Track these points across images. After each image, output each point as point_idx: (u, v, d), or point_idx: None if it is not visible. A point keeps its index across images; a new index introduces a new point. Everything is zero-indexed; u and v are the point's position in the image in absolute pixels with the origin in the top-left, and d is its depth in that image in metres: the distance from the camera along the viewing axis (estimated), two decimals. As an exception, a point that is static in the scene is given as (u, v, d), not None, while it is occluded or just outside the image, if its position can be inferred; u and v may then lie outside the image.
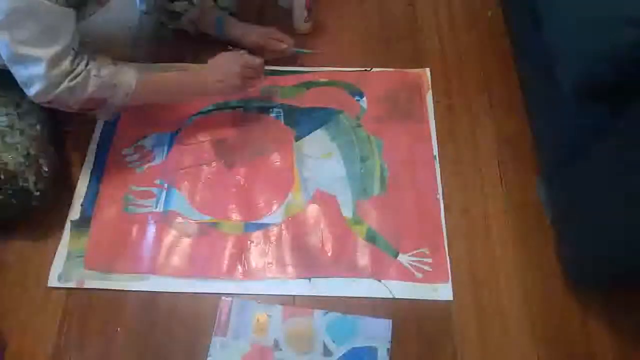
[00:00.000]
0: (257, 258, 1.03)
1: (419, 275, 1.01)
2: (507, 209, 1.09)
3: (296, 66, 1.28)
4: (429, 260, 1.03)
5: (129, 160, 1.15)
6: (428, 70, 1.28)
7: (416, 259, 1.03)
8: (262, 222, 1.07)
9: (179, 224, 1.07)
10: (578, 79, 0.90)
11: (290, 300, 0.99)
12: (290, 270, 1.02)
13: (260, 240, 1.05)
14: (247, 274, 1.02)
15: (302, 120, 1.20)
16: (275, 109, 1.21)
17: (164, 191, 1.11)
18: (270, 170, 1.13)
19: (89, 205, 1.08)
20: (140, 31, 1.35)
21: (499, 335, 0.96)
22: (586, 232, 0.94)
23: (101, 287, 1.00)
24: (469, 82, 1.27)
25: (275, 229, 1.06)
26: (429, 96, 1.24)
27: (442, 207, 1.08)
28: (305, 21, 1.31)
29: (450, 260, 1.03)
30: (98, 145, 1.16)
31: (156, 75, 1.06)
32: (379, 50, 1.32)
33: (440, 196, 1.10)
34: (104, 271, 1.01)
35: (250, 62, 1.11)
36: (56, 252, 1.03)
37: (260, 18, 1.36)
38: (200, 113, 1.20)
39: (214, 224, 1.07)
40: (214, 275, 1.02)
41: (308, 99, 1.23)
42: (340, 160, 1.15)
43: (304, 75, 1.27)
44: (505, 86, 1.25)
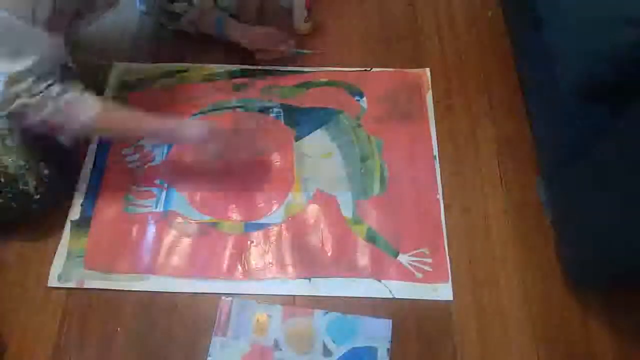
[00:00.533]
0: (257, 258, 1.03)
1: (419, 275, 1.01)
2: (507, 209, 1.09)
3: (296, 66, 1.28)
4: (429, 260, 1.03)
5: (129, 160, 1.15)
6: (428, 70, 1.28)
7: (416, 259, 1.03)
8: (262, 222, 1.07)
9: (179, 224, 1.07)
10: (578, 79, 0.90)
11: (290, 300, 0.99)
12: (290, 270, 1.02)
13: (260, 240, 1.05)
14: (247, 274, 1.02)
15: (302, 120, 1.20)
16: (275, 109, 1.21)
17: (164, 191, 1.11)
18: (270, 170, 1.13)
19: (89, 205, 1.08)
20: (140, 31, 1.35)
21: (499, 335, 0.96)
22: (586, 232, 0.94)
23: (101, 287, 1.00)
24: (469, 82, 1.26)
25: (275, 229, 1.06)
26: (429, 96, 1.24)
27: (442, 207, 1.08)
28: (305, 21, 1.31)
29: (450, 260, 1.03)
30: (98, 145, 1.16)
31: (122, 113, 1.01)
32: (379, 50, 1.32)
33: (440, 196, 1.10)
34: (104, 271, 1.01)
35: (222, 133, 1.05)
36: (56, 252, 1.03)
37: (261, 18, 1.36)
38: (200, 113, 1.20)
39: (214, 224, 1.07)
40: (214, 275, 1.02)
41: (308, 99, 1.23)
42: (340, 160, 1.15)
43: (304, 75, 1.27)
44: (505, 86, 1.25)
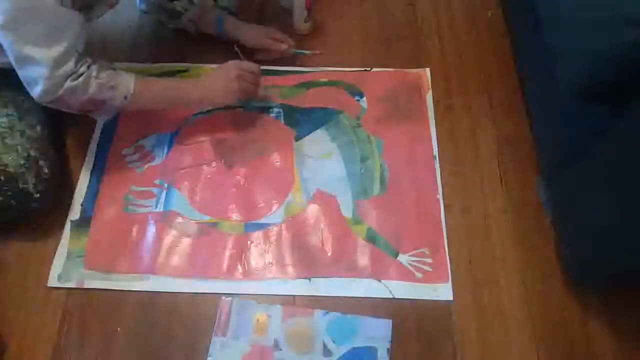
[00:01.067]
0: (257, 258, 1.03)
1: (419, 275, 1.01)
2: (507, 209, 1.09)
3: (296, 66, 1.28)
4: (429, 260, 1.03)
5: (129, 160, 1.15)
6: (428, 70, 1.28)
7: (416, 259, 1.03)
8: (262, 222, 1.07)
9: (179, 224, 1.07)
10: (578, 79, 0.90)
11: (290, 300, 0.99)
12: (290, 270, 1.02)
13: (260, 240, 1.05)
14: (247, 274, 1.02)
15: (302, 120, 1.20)
16: (275, 109, 1.21)
17: (164, 191, 1.11)
18: (270, 170, 1.13)
19: (89, 205, 1.08)
20: (140, 31, 1.35)
21: (499, 335, 0.96)
22: (586, 232, 0.94)
23: (101, 287, 1.00)
24: (469, 82, 1.26)
25: (275, 229, 1.06)
26: (429, 96, 1.24)
27: (442, 207, 1.08)
28: (305, 21, 1.31)
29: (450, 260, 1.03)
30: (98, 145, 1.16)
31: (155, 80, 1.08)
32: (379, 50, 1.32)
33: (440, 196, 1.10)
34: (104, 271, 1.01)
35: (247, 68, 1.11)
36: (56, 252, 1.03)
37: (261, 18, 1.36)
38: (200, 113, 1.20)
39: (214, 224, 1.07)
40: (214, 275, 1.02)
41: (308, 99, 1.23)
42: (340, 160, 1.15)
43: (304, 75, 1.27)
44: (505, 86, 1.25)
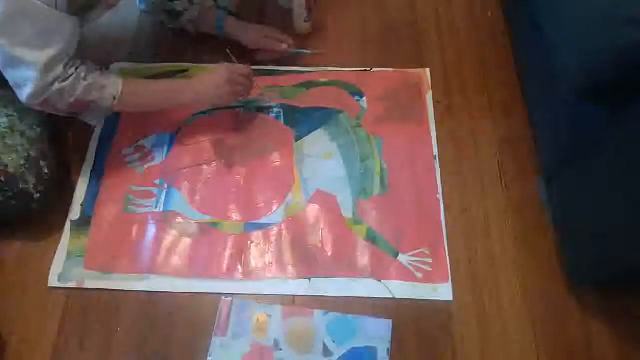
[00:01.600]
0: (257, 258, 1.03)
1: (419, 275, 1.01)
2: (507, 209, 1.09)
3: (296, 66, 1.28)
4: (429, 260, 1.03)
5: (129, 160, 1.15)
6: (428, 70, 1.28)
7: (416, 258, 1.03)
8: (262, 222, 1.07)
9: (179, 224, 1.07)
10: (578, 79, 0.90)
11: (290, 300, 0.99)
12: (290, 270, 1.02)
13: (260, 240, 1.05)
14: (247, 274, 1.02)
15: (302, 120, 1.20)
16: (275, 109, 1.21)
17: (164, 191, 1.11)
18: (270, 170, 1.13)
19: (89, 205, 1.08)
20: (140, 31, 1.35)
21: (499, 335, 0.96)
22: (586, 232, 0.94)
23: (101, 287, 1.00)
24: (469, 82, 1.26)
25: (275, 229, 1.06)
26: (429, 96, 1.24)
27: (442, 207, 1.08)
28: (305, 21, 1.31)
29: (450, 260, 1.03)
30: (98, 145, 1.16)
31: (144, 82, 1.08)
32: (379, 50, 1.32)
33: (440, 196, 1.10)
34: (104, 271, 1.01)
35: (238, 71, 1.10)
36: (56, 252, 1.03)
37: (261, 18, 1.36)
38: (200, 113, 1.20)
39: (214, 224, 1.07)
40: (214, 275, 1.02)
41: (308, 99, 1.23)
42: (340, 160, 1.15)
43: (304, 75, 1.27)
44: (505, 86, 1.25)
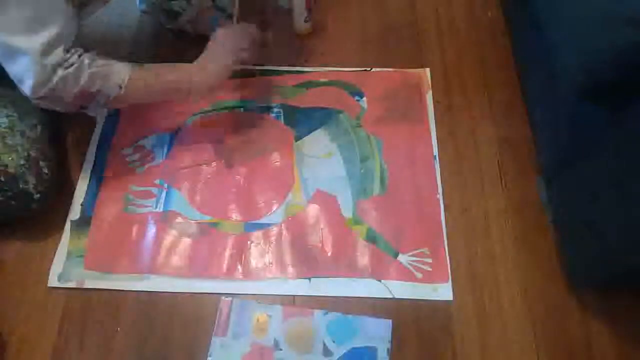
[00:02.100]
0: (257, 258, 1.03)
1: (419, 275, 1.01)
2: (507, 209, 1.09)
3: (296, 66, 1.28)
4: (429, 260, 1.03)
5: (129, 160, 1.15)
6: (428, 70, 1.28)
7: (416, 258, 1.03)
8: (262, 222, 1.07)
9: (179, 224, 1.07)
10: (578, 79, 0.90)
11: (290, 300, 0.99)
12: (290, 270, 1.02)
13: (260, 240, 1.05)
14: (247, 274, 1.02)
15: (302, 120, 1.20)
16: (275, 109, 1.21)
17: (164, 191, 1.11)
18: (270, 170, 1.13)
19: (89, 205, 1.08)
20: (140, 31, 1.35)
21: (499, 335, 0.96)
22: (586, 232, 0.94)
23: (101, 287, 1.00)
24: (469, 82, 1.26)
25: (275, 229, 1.06)
26: (429, 96, 1.24)
27: (442, 207, 1.08)
28: (305, 21, 1.31)
29: (450, 260, 1.03)
30: (98, 145, 1.16)
31: (150, 67, 1.02)
32: (379, 50, 1.32)
33: (440, 196, 1.10)
34: (104, 271, 1.01)
35: (241, 33, 1.06)
36: (56, 252, 1.03)
37: (261, 18, 1.36)
38: (200, 113, 1.20)
39: (214, 224, 1.07)
40: (214, 275, 1.02)
41: (308, 99, 1.23)
42: (340, 160, 1.15)
43: (304, 75, 1.27)
44: (505, 86, 1.25)
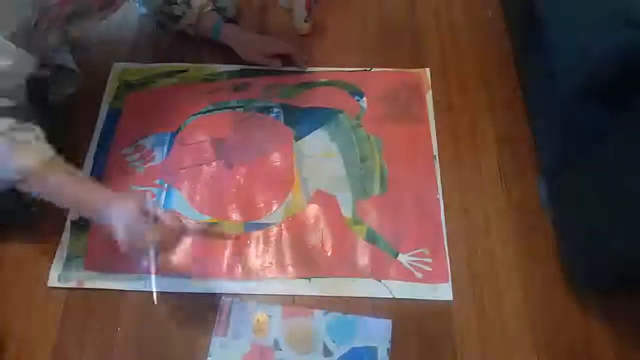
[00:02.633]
0: (257, 258, 1.03)
1: (419, 275, 1.01)
2: (507, 209, 1.09)
3: (296, 66, 1.28)
4: (429, 260, 1.03)
5: (129, 160, 1.14)
6: (428, 70, 1.27)
7: (416, 258, 1.03)
8: (262, 222, 1.07)
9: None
10: (578, 79, 0.90)
11: (290, 300, 0.99)
12: (290, 270, 1.02)
13: (260, 240, 1.05)
14: (247, 274, 1.02)
15: (302, 120, 1.20)
16: (275, 109, 1.21)
17: (164, 191, 1.10)
18: (270, 170, 1.13)
19: (89, 205, 1.09)
20: (141, 32, 1.35)
21: (499, 335, 0.96)
22: (586, 232, 0.94)
23: (101, 287, 1.00)
24: (469, 82, 1.26)
25: (275, 229, 1.06)
26: (429, 96, 1.23)
27: (442, 207, 1.08)
28: (306, 21, 1.31)
29: (450, 260, 1.02)
30: (98, 145, 1.16)
31: (60, 173, 0.86)
32: (379, 50, 1.31)
33: (440, 196, 1.10)
34: (104, 271, 1.01)
35: (165, 232, 0.85)
36: (56, 252, 1.03)
37: (261, 18, 1.36)
38: (200, 113, 1.20)
39: (214, 224, 1.07)
40: (214, 275, 1.02)
41: (308, 99, 1.23)
42: (340, 160, 1.14)
43: (304, 75, 1.27)
44: (505, 86, 1.25)
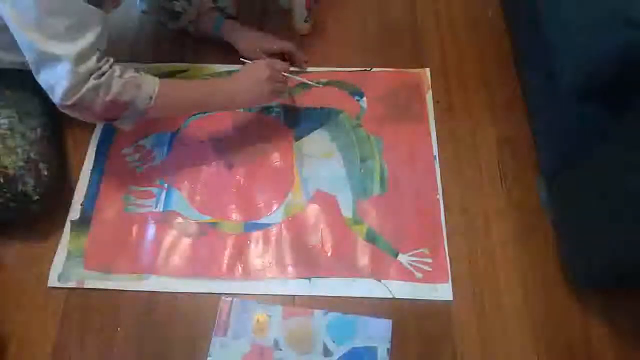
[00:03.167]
0: (257, 258, 1.03)
1: (419, 275, 1.01)
2: (507, 209, 1.09)
3: (296, 66, 1.28)
4: (429, 260, 1.03)
5: (129, 160, 1.15)
6: (428, 70, 1.28)
7: (416, 258, 1.03)
8: (262, 222, 1.07)
9: (179, 224, 1.07)
10: (578, 79, 0.90)
11: (290, 300, 0.99)
12: (290, 270, 1.02)
13: (260, 240, 1.05)
14: (247, 274, 1.02)
15: (302, 120, 1.20)
16: (275, 109, 1.21)
17: (164, 191, 1.11)
18: (270, 170, 1.13)
19: (89, 206, 1.08)
20: (140, 31, 1.34)
21: (499, 335, 0.96)
22: (586, 232, 0.94)
23: (101, 287, 1.00)
24: (469, 82, 1.26)
25: (275, 229, 1.06)
26: (429, 96, 1.24)
27: (442, 207, 1.08)
28: (306, 21, 1.31)
29: (450, 260, 1.03)
30: (98, 145, 1.16)
31: (180, 82, 1.02)
32: (379, 50, 1.32)
33: (440, 196, 1.10)
34: (104, 271, 1.01)
35: (280, 68, 1.09)
36: (56, 252, 1.03)
37: (261, 18, 1.36)
38: (199, 113, 1.20)
39: (213, 224, 1.07)
40: (214, 275, 1.02)
41: (308, 99, 1.23)
42: (340, 160, 1.15)
43: (304, 75, 1.26)
44: (505, 86, 1.25)
